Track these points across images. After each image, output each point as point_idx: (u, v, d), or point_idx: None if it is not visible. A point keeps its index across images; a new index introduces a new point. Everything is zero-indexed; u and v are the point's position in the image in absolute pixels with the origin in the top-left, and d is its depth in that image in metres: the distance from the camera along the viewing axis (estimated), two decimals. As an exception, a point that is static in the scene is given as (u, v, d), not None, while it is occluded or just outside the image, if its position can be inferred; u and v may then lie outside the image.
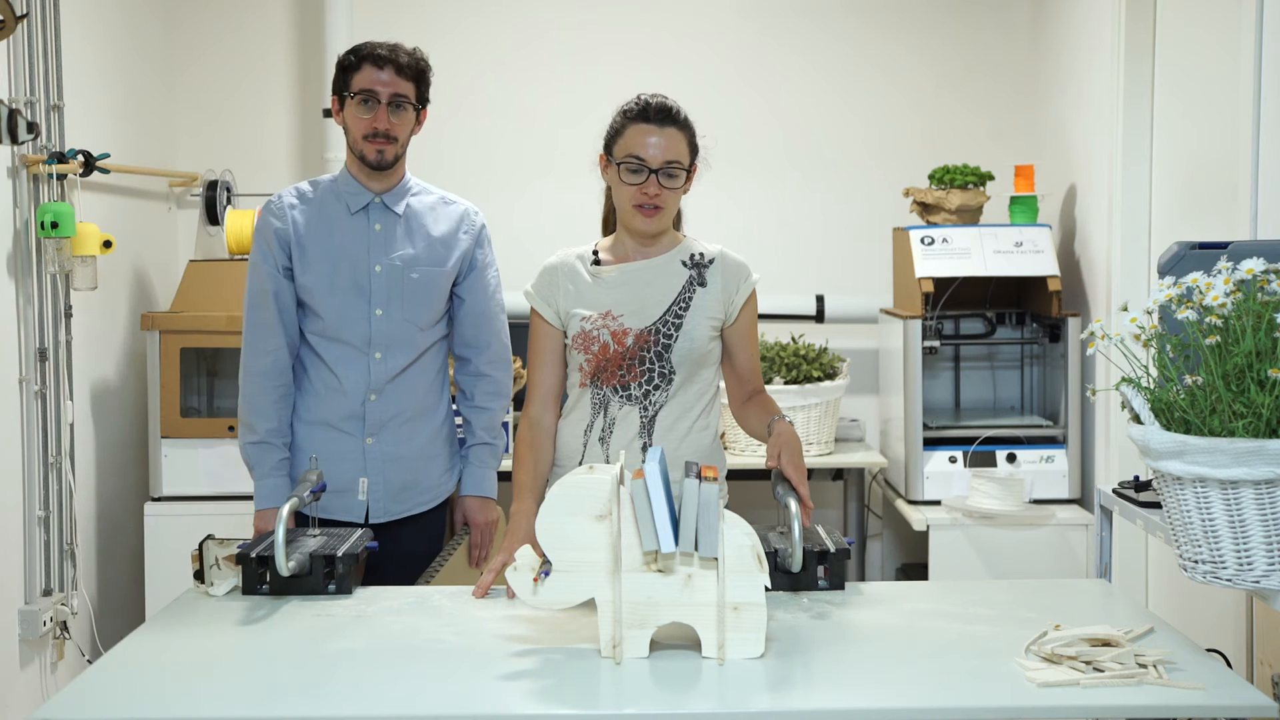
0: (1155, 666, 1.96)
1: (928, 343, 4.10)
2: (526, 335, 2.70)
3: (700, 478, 2.04)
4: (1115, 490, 2.74)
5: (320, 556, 2.41)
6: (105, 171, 3.75)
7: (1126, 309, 2.09)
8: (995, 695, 1.90)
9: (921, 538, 4.06)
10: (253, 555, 2.41)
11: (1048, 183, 4.41)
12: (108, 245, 3.64)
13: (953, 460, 4.10)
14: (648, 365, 2.58)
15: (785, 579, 2.38)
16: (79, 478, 3.75)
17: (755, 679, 1.97)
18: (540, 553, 2.10)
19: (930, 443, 4.12)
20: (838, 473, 4.45)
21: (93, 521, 3.92)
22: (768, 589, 2.06)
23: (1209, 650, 2.15)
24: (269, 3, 4.74)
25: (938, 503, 4.07)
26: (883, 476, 4.54)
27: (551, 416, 2.66)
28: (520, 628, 2.21)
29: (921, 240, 4.15)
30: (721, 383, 2.72)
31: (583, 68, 4.72)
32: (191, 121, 4.71)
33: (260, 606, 2.34)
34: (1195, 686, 1.90)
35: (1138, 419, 2.01)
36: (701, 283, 2.61)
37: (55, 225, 3.45)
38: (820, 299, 4.66)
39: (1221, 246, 2.27)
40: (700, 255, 2.63)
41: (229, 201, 4.60)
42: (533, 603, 2.09)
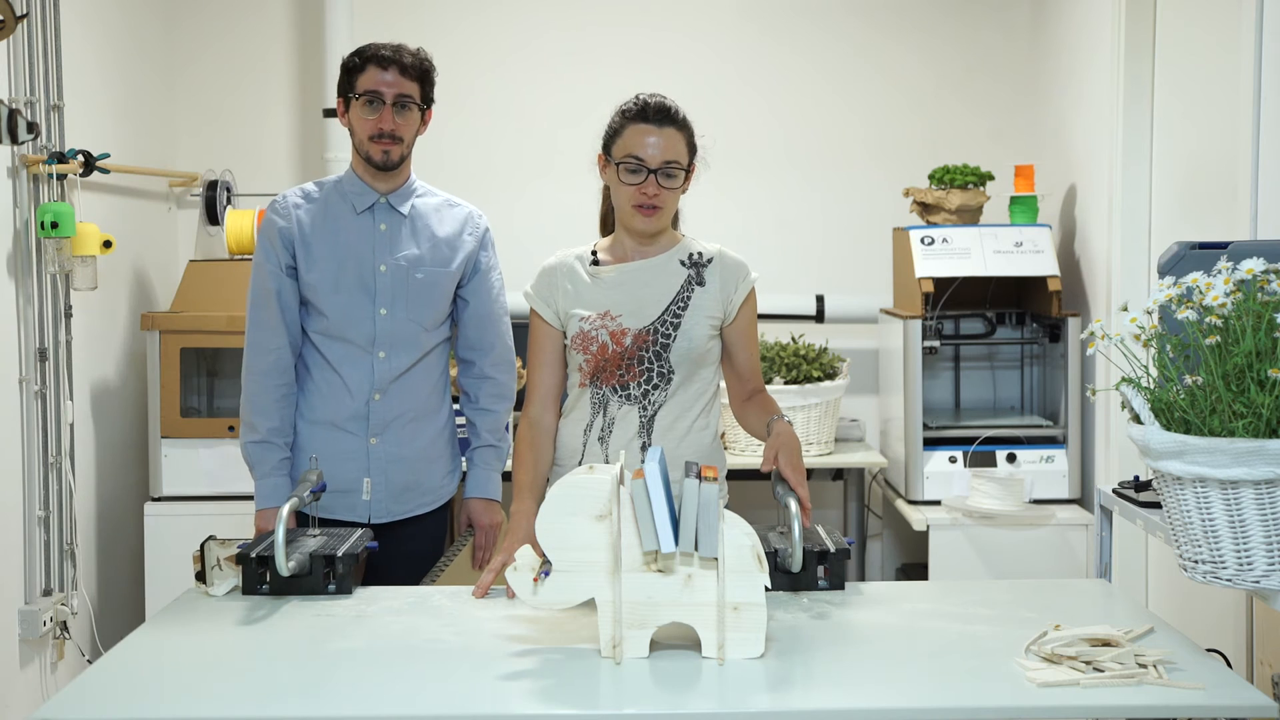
0: (1155, 666, 1.96)
1: (928, 343, 4.10)
2: (526, 336, 2.70)
3: (700, 478, 2.04)
4: (1115, 490, 2.74)
5: (320, 556, 2.41)
6: (105, 171, 3.75)
7: (1126, 309, 2.09)
8: (995, 695, 1.90)
9: (921, 538, 4.06)
10: (253, 555, 2.41)
11: (1048, 183, 4.41)
12: (108, 245, 3.64)
13: (953, 460, 4.10)
14: (646, 365, 2.58)
15: (785, 579, 2.38)
16: (79, 478, 3.75)
17: (755, 679, 1.97)
18: (540, 553, 2.10)
19: (930, 443, 4.12)
20: (838, 473, 4.45)
21: (93, 521, 3.92)
22: (768, 589, 2.06)
23: (1209, 650, 2.15)
24: (269, 3, 4.74)
25: (938, 503, 4.07)
26: (883, 476, 4.54)
27: (551, 417, 2.66)
28: (520, 628, 2.21)
29: (921, 240, 4.15)
30: (722, 382, 2.72)
31: (583, 68, 4.72)
32: (191, 121, 4.72)
33: (260, 606, 2.34)
34: (1195, 686, 1.90)
35: (1138, 419, 2.01)
36: (700, 282, 2.61)
37: (55, 225, 3.45)
38: (820, 299, 4.67)
39: (1221, 246, 2.27)
40: (699, 255, 2.63)
41: (229, 201, 4.60)
42: (533, 603, 2.09)
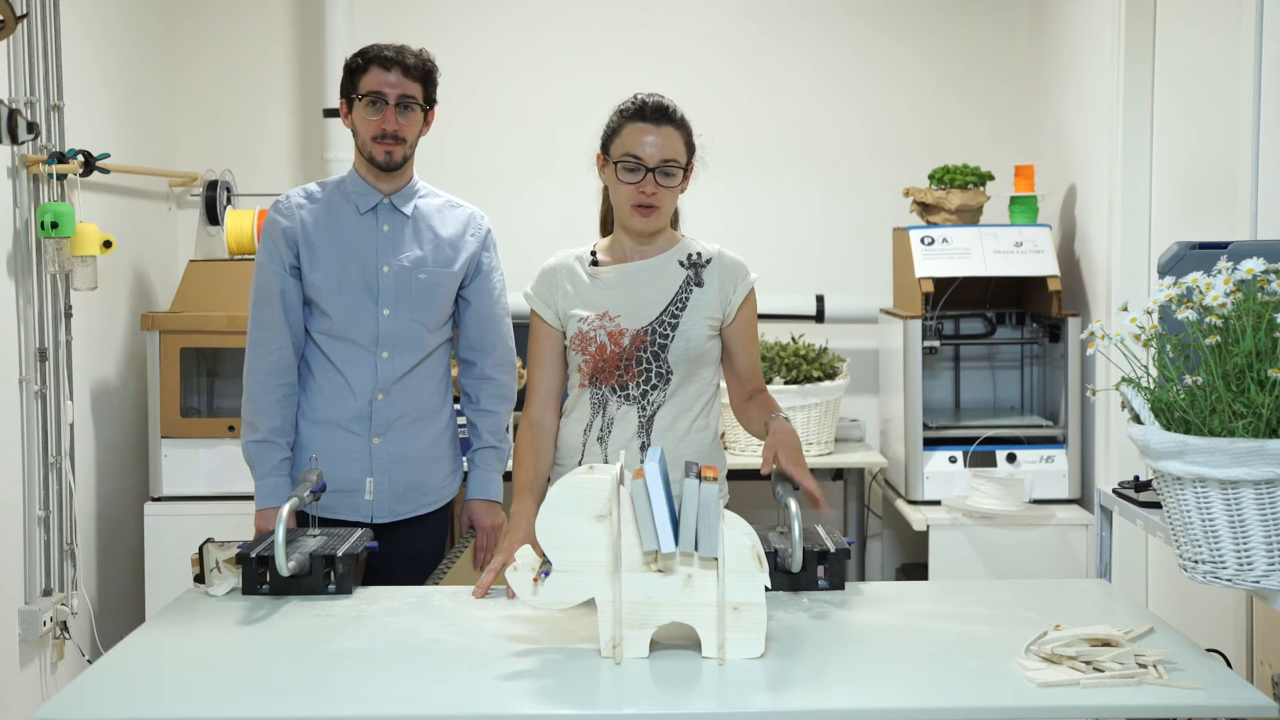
0: (1155, 666, 1.96)
1: (928, 343, 4.10)
2: (526, 336, 2.70)
3: (700, 478, 2.04)
4: (1115, 490, 2.74)
5: (320, 556, 2.40)
6: (105, 171, 3.75)
7: (1126, 309, 2.09)
8: (995, 695, 1.90)
9: (921, 538, 4.06)
10: (253, 555, 2.41)
11: (1048, 183, 4.41)
12: (108, 245, 3.64)
13: (953, 460, 4.10)
14: (645, 365, 2.57)
15: (785, 579, 2.38)
16: (79, 478, 3.75)
17: (755, 679, 1.97)
18: (540, 553, 2.10)
19: (930, 443, 4.12)
20: (838, 473, 4.45)
21: (93, 521, 3.91)
22: (768, 589, 2.06)
23: (1209, 650, 2.15)
24: (269, 3, 4.74)
25: (938, 503, 4.07)
26: (883, 476, 4.54)
27: (552, 417, 2.66)
28: (520, 628, 2.21)
29: (921, 240, 4.15)
30: (722, 382, 2.72)
31: (583, 68, 4.72)
32: (191, 121, 4.71)
33: (260, 606, 2.34)
34: (1195, 686, 1.90)
35: (1138, 419, 2.01)
36: (699, 282, 2.61)
37: (55, 225, 3.45)
38: (820, 299, 4.66)
39: (1221, 246, 2.27)
40: (698, 255, 2.63)
41: (229, 201, 4.60)
42: (533, 603, 2.09)
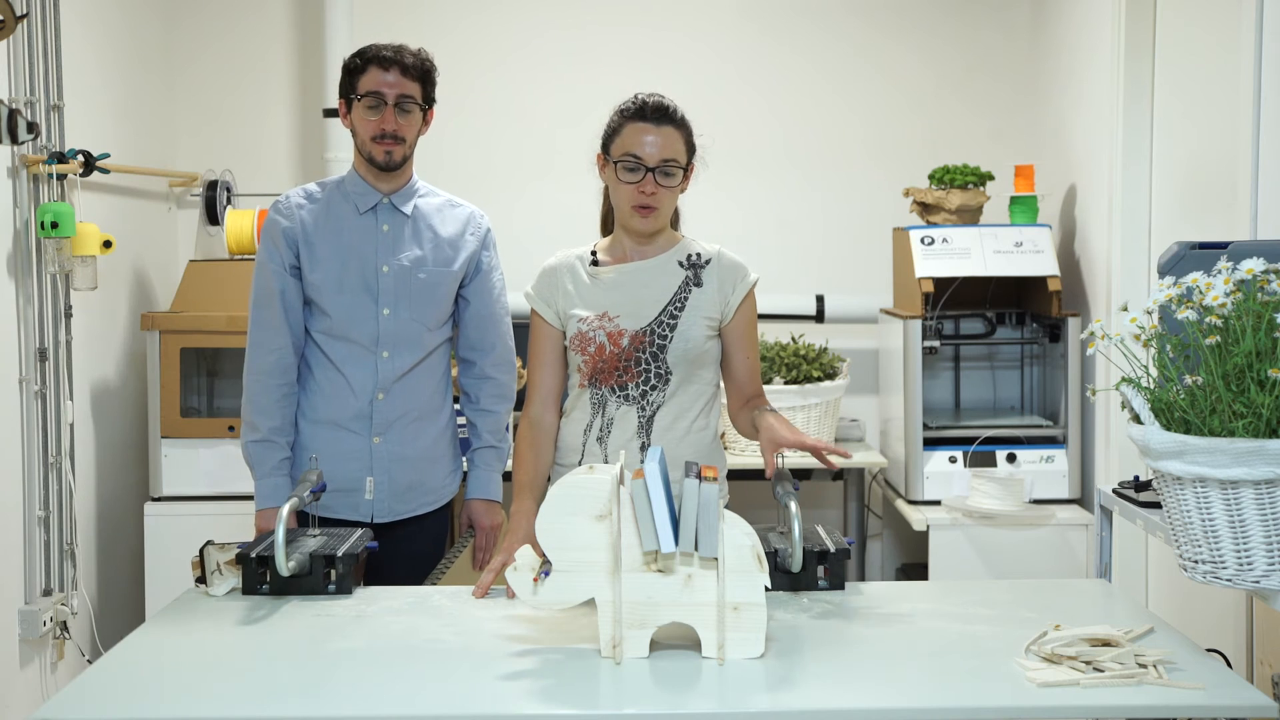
0: (1155, 666, 1.96)
1: (928, 343, 4.10)
2: (528, 336, 2.70)
3: (700, 478, 2.04)
4: (1115, 490, 2.74)
5: (320, 556, 2.41)
6: (105, 171, 3.75)
7: (1126, 309, 2.09)
8: (995, 695, 1.90)
9: (921, 538, 4.06)
10: (253, 555, 2.41)
11: (1048, 183, 4.41)
12: (108, 245, 3.64)
13: (953, 460, 4.10)
14: (644, 366, 2.57)
15: (785, 579, 2.38)
16: (79, 478, 3.75)
17: (755, 679, 1.97)
18: (540, 553, 2.10)
19: (930, 443, 4.12)
20: (838, 473, 4.44)
21: (93, 521, 3.91)
22: (768, 589, 2.06)
23: (1209, 650, 2.15)
24: (269, 3, 4.74)
25: (938, 503, 4.07)
26: (883, 476, 4.54)
27: (552, 417, 2.66)
28: (520, 628, 2.21)
29: (921, 240, 4.15)
30: (722, 383, 2.71)
31: (583, 68, 4.72)
32: (191, 121, 4.71)
33: (260, 606, 2.34)
34: (1195, 686, 1.90)
35: (1138, 419, 2.01)
36: (698, 283, 2.60)
37: (55, 225, 3.45)
38: (820, 299, 4.66)
39: (1221, 246, 2.27)
40: (697, 255, 2.63)
41: (229, 201, 4.60)
42: (533, 603, 2.09)
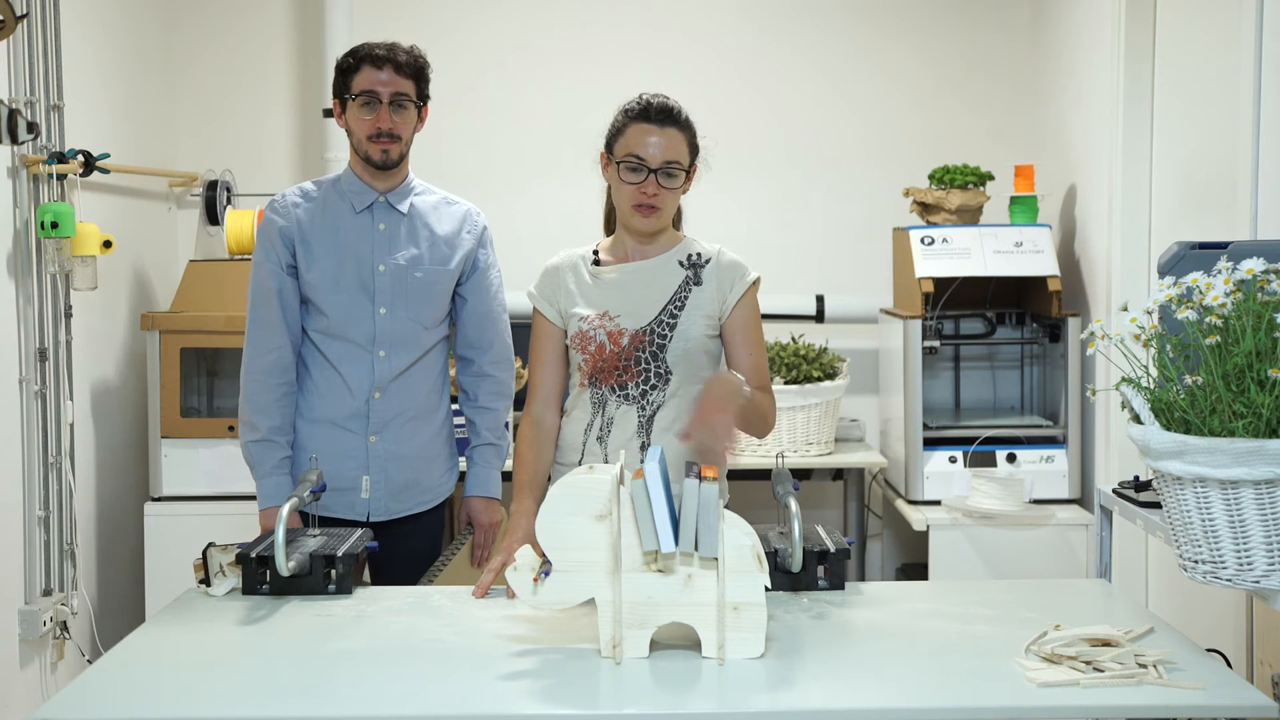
0: (1155, 666, 1.96)
1: (928, 343, 4.10)
2: (528, 335, 2.70)
3: (700, 478, 2.04)
4: (1115, 490, 2.74)
5: (320, 556, 2.41)
6: (105, 171, 3.75)
7: (1126, 309, 2.09)
8: (995, 695, 1.90)
9: (921, 538, 4.06)
10: (253, 555, 2.41)
11: (1048, 183, 4.41)
12: (108, 245, 3.64)
13: (953, 460, 4.10)
14: (644, 366, 2.57)
15: (785, 579, 2.38)
16: (79, 478, 3.75)
17: (755, 679, 1.97)
18: (540, 553, 2.10)
19: (930, 443, 4.12)
20: (838, 473, 4.45)
21: (93, 521, 3.91)
22: (768, 589, 2.06)
23: (1209, 650, 2.15)
24: (269, 3, 4.74)
25: (938, 503, 4.07)
26: (883, 476, 4.54)
27: (553, 416, 2.66)
28: (520, 628, 2.21)
29: (921, 240, 4.15)
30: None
31: (583, 67, 4.72)
32: (191, 121, 4.71)
33: (260, 606, 2.34)
34: (1195, 686, 1.90)
35: (1138, 419, 2.01)
36: (698, 282, 2.60)
37: (55, 225, 3.45)
38: (820, 299, 4.66)
39: (1221, 246, 2.27)
40: (698, 255, 2.63)
41: (229, 201, 4.60)
42: (533, 603, 2.09)
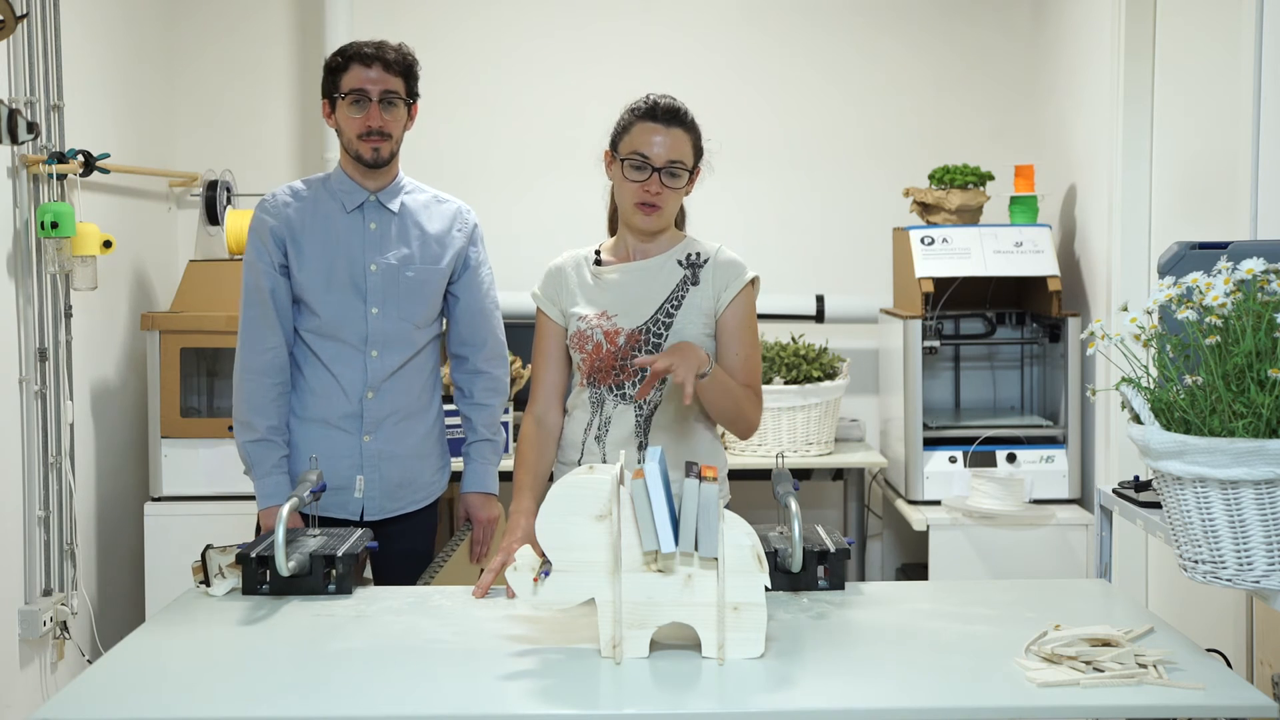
0: (1155, 666, 1.96)
1: (928, 343, 4.10)
2: (530, 335, 2.70)
3: (700, 478, 2.04)
4: (1115, 490, 2.74)
5: (320, 556, 2.41)
6: (105, 171, 3.75)
7: (1126, 309, 2.09)
8: (995, 695, 1.90)
9: (921, 538, 4.06)
10: (253, 555, 2.41)
11: (1048, 183, 4.41)
12: (108, 245, 3.64)
13: (953, 460, 4.10)
14: (641, 365, 2.58)
15: (785, 579, 2.38)
16: (79, 478, 3.75)
17: (755, 679, 1.97)
18: (540, 553, 2.10)
19: (930, 443, 4.12)
20: (838, 473, 4.45)
21: (93, 521, 3.91)
22: (768, 589, 2.06)
23: (1209, 650, 2.15)
24: (269, 3, 4.74)
25: (938, 503, 4.07)
26: (883, 476, 4.54)
27: (556, 415, 2.67)
28: (520, 628, 2.21)
29: (921, 240, 4.15)
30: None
31: (584, 67, 4.72)
32: (191, 121, 4.71)
33: (260, 606, 2.34)
34: (1195, 686, 1.90)
35: (1138, 419, 2.01)
36: (695, 281, 2.61)
37: (55, 225, 3.45)
38: (820, 299, 4.66)
39: (1221, 246, 2.27)
40: (696, 255, 2.63)
41: (229, 201, 4.60)
42: (533, 603, 2.09)
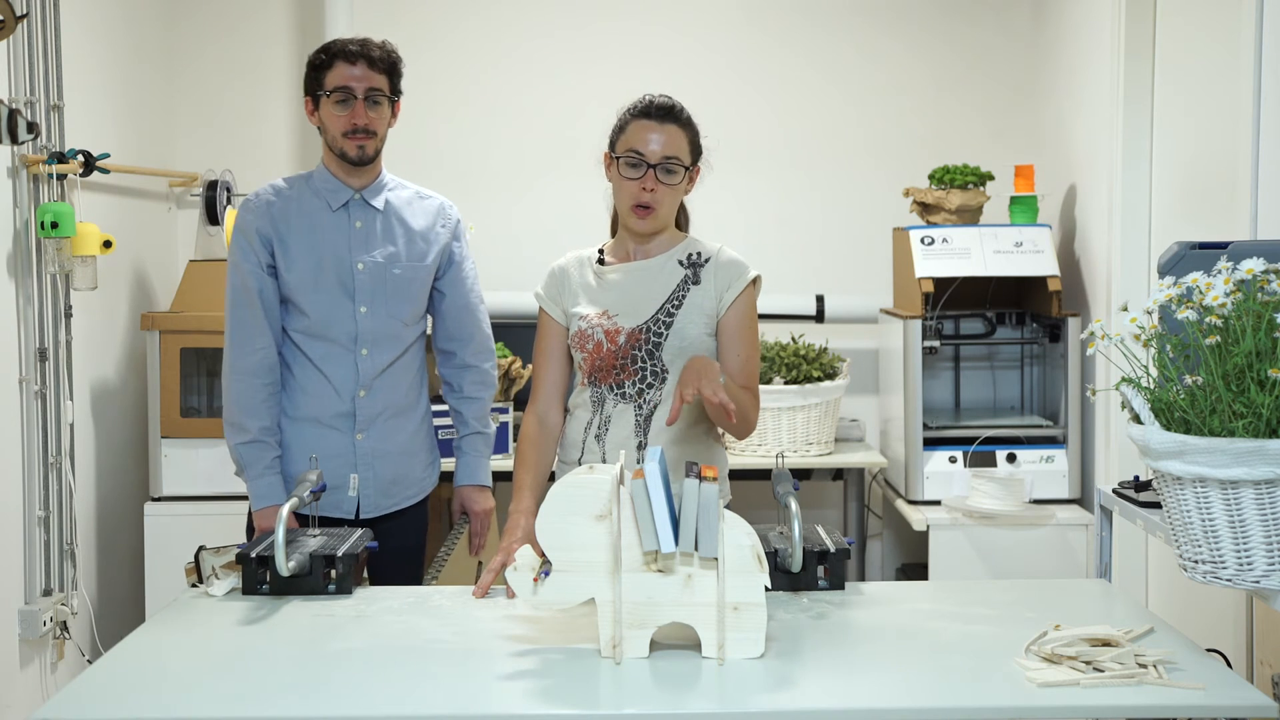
0: (1155, 666, 1.96)
1: (928, 343, 4.10)
2: (527, 334, 2.70)
3: (700, 478, 2.04)
4: (1115, 490, 2.74)
5: (320, 556, 2.41)
6: (105, 171, 3.75)
7: (1126, 309, 2.09)
8: (995, 695, 1.90)
9: (921, 538, 4.06)
10: (253, 555, 2.41)
11: (1048, 183, 4.41)
12: (108, 245, 3.64)
13: (953, 460, 4.10)
14: (640, 364, 2.58)
15: (785, 579, 2.38)
16: (79, 478, 3.75)
17: (755, 679, 1.97)
18: (540, 553, 2.10)
19: (930, 443, 4.12)
20: (838, 473, 4.45)
21: (93, 521, 3.91)
22: (768, 589, 2.06)
23: (1209, 650, 2.15)
24: (269, 3, 4.74)
25: (938, 503, 4.07)
26: (883, 476, 4.54)
27: (556, 415, 2.67)
28: (520, 628, 2.21)
29: (921, 240, 4.15)
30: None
31: (583, 67, 4.72)
32: (191, 121, 4.71)
33: (260, 606, 2.34)
34: (1195, 686, 1.90)
35: (1138, 419, 2.01)
36: (696, 281, 2.61)
37: (55, 225, 3.45)
38: (820, 299, 4.66)
39: (1221, 246, 2.27)
40: (697, 254, 2.63)
41: (229, 201, 4.60)
42: (533, 603, 2.09)
